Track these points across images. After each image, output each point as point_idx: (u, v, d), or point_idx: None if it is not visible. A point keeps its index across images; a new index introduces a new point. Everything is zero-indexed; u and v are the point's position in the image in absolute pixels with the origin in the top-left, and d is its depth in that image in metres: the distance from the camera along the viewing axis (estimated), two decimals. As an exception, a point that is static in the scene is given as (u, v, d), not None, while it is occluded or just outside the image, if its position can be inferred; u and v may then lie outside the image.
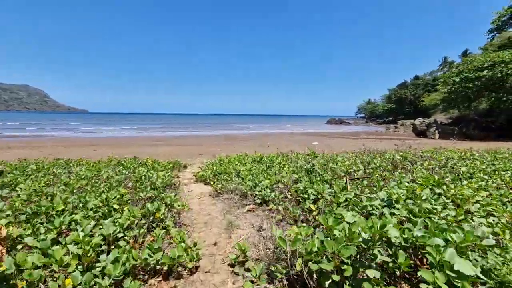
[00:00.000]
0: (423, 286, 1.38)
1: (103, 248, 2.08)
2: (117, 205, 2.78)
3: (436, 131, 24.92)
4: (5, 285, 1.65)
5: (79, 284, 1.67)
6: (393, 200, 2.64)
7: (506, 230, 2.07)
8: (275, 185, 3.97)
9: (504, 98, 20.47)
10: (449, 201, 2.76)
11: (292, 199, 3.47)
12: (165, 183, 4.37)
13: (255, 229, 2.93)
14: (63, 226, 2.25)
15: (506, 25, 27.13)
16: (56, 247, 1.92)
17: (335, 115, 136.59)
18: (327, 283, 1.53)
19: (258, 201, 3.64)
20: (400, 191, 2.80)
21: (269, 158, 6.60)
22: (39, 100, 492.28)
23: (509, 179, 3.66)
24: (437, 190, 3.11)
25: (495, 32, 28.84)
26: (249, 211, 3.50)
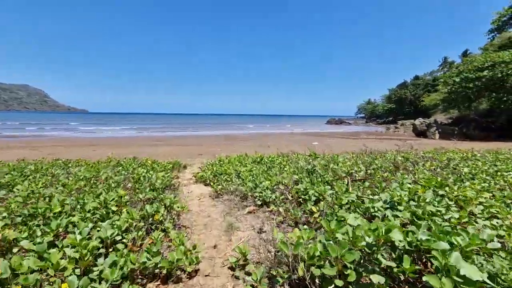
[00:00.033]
0: (428, 292, 1.34)
1: (100, 251, 2.05)
2: (115, 206, 2.74)
3: (436, 131, 24.88)
4: (-1, 290, 1.61)
5: (76, 289, 1.63)
6: (395, 202, 2.61)
7: (511, 232, 2.03)
8: (275, 186, 3.93)
9: (504, 98, 20.46)
10: (452, 202, 2.72)
11: (293, 201, 3.43)
12: (164, 184, 4.32)
13: (255, 231, 2.89)
14: (60, 228, 2.21)
15: (507, 25, 27.12)
16: (52, 250, 1.88)
17: (335, 115, 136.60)
18: (330, 288, 1.49)
19: (259, 202, 3.60)
20: (403, 192, 2.76)
21: (270, 158, 6.55)
22: (39, 100, 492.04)
23: (512, 180, 3.62)
24: (440, 191, 3.07)
25: (495, 32, 28.83)
26: (249, 212, 3.45)
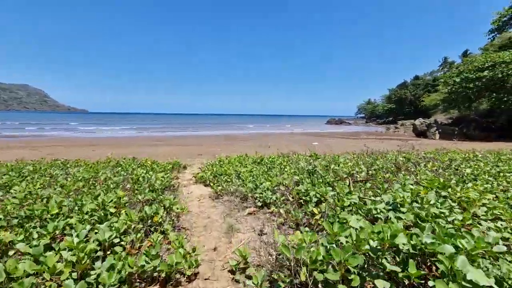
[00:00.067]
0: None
1: (98, 254, 2.00)
2: (114, 208, 2.69)
3: (437, 132, 24.85)
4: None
5: (72, 293, 1.59)
6: (398, 203, 2.57)
7: (516, 235, 1.99)
8: (276, 187, 3.89)
9: (504, 99, 20.43)
10: (455, 204, 2.68)
11: (293, 202, 3.39)
12: (164, 185, 4.28)
13: (256, 233, 2.85)
14: (57, 231, 2.16)
15: (507, 25, 27.08)
16: (49, 253, 1.84)
17: (335, 115, 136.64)
18: (333, 293, 1.45)
19: (259, 203, 3.56)
20: (405, 194, 2.73)
21: (270, 159, 6.51)
22: (38, 100, 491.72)
23: (515, 181, 3.58)
24: (442, 192, 3.03)
25: (495, 33, 28.78)
26: (249, 214, 3.41)
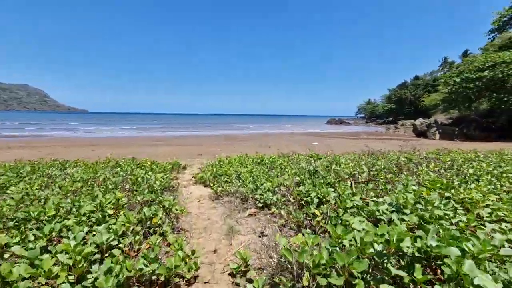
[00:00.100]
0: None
1: (96, 257, 1.96)
2: (112, 210, 2.65)
3: (437, 132, 24.81)
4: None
5: (68, 298, 1.55)
6: (401, 204, 2.53)
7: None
8: (277, 188, 3.85)
9: (505, 99, 20.39)
10: (459, 205, 2.64)
11: (295, 203, 3.34)
12: (163, 185, 4.24)
13: (256, 235, 2.81)
14: (54, 233, 2.12)
15: (507, 25, 27.05)
16: (45, 256, 1.79)
17: (335, 115, 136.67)
18: (336, 298, 1.41)
19: (260, 204, 3.51)
20: (408, 195, 2.68)
21: (270, 159, 6.47)
22: (38, 100, 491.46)
23: (518, 182, 3.54)
24: (446, 193, 2.99)
25: (495, 33, 28.76)
26: (250, 215, 3.37)
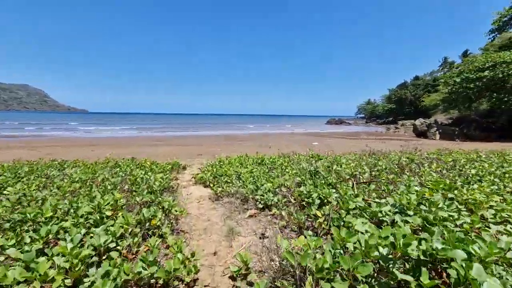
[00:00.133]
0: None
1: (93, 260, 1.92)
2: (110, 211, 2.61)
3: (437, 132, 24.78)
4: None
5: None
6: (404, 206, 2.49)
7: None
8: (277, 189, 3.81)
9: (505, 99, 20.36)
10: (462, 206, 2.60)
11: (296, 204, 3.30)
12: (163, 186, 4.19)
13: (257, 236, 2.77)
14: (51, 235, 2.08)
15: (507, 25, 27.02)
16: (41, 259, 1.75)
17: (335, 115, 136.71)
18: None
19: (260, 205, 3.47)
20: (412, 196, 2.64)
21: (271, 159, 6.43)
22: (38, 100, 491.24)
23: (522, 183, 3.50)
24: (449, 194, 2.95)
25: (496, 33, 28.73)
26: (250, 216, 3.33)
